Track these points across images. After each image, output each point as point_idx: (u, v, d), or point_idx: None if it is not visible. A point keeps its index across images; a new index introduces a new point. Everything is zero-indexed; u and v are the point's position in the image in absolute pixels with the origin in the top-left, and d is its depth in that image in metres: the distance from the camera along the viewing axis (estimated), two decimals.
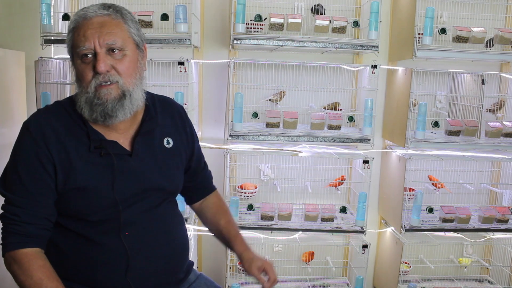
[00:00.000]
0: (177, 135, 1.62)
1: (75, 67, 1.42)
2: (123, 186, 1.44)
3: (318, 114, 2.75)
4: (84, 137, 1.42)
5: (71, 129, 1.42)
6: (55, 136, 1.39)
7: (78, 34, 1.38)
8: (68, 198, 1.41)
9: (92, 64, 1.37)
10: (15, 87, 2.52)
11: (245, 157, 3.04)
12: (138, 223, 1.48)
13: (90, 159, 1.42)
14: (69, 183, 1.39)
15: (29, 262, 1.34)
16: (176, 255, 1.59)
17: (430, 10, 2.61)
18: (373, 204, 3.19)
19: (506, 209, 2.88)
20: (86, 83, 1.39)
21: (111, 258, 1.44)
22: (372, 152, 2.98)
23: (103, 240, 1.44)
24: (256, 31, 2.72)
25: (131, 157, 1.47)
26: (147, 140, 1.52)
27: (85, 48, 1.37)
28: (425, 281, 3.21)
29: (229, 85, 2.74)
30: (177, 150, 1.60)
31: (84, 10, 1.40)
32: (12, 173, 1.40)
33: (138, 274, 1.46)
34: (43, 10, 2.46)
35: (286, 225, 2.80)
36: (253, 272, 1.66)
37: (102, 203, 1.42)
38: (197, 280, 1.72)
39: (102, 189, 1.41)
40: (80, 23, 1.39)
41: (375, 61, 2.75)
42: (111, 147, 1.44)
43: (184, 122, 1.67)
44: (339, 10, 2.95)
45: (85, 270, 1.44)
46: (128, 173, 1.46)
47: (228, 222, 1.78)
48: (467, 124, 2.75)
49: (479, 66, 3.01)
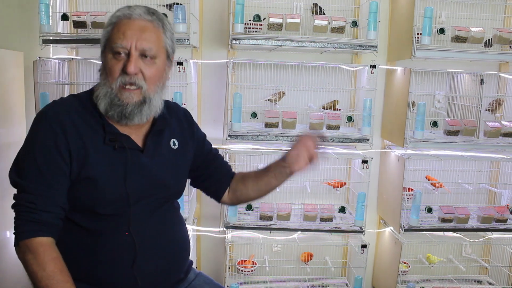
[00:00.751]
0: (182, 137, 1.65)
1: (104, 59, 1.45)
2: (134, 181, 1.46)
3: (317, 114, 2.75)
4: (100, 129, 1.45)
5: (87, 120, 1.45)
6: (72, 125, 1.41)
7: (118, 30, 1.41)
8: (80, 188, 1.42)
9: (123, 62, 1.41)
10: (13, 88, 2.52)
11: (244, 157, 3.04)
12: (146, 219, 1.50)
13: (105, 151, 1.44)
14: (83, 172, 1.41)
15: (44, 252, 1.34)
16: (178, 253, 1.62)
17: (429, 10, 2.61)
18: (372, 204, 3.19)
19: (505, 208, 2.89)
20: (112, 78, 1.42)
21: (119, 253, 1.46)
22: (371, 152, 2.98)
23: (111, 233, 1.45)
24: (255, 31, 2.73)
25: (143, 153, 1.51)
26: (157, 139, 1.56)
27: (121, 46, 1.40)
28: (424, 281, 3.21)
29: (228, 85, 2.74)
30: (183, 152, 1.64)
31: (131, 10, 1.43)
32: (28, 160, 1.40)
33: (144, 269, 1.48)
34: (41, 10, 2.46)
35: (285, 225, 2.80)
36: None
37: (113, 196, 1.44)
38: (196, 278, 1.73)
39: (114, 182, 1.44)
40: (122, 20, 1.43)
41: (373, 61, 2.75)
42: (124, 141, 1.47)
43: (190, 124, 1.71)
44: (337, 10, 2.96)
45: (89, 266, 1.45)
46: (139, 168, 1.49)
47: (256, 176, 1.76)
48: (466, 124, 2.76)
49: (478, 66, 3.01)
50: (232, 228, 2.80)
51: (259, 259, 3.18)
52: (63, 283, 1.33)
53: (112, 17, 1.45)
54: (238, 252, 3.16)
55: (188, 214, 2.71)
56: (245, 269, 3.06)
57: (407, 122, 2.70)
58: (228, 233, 2.93)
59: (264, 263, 3.14)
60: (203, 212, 3.16)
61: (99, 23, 2.51)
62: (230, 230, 2.88)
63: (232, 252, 3.05)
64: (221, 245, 3.10)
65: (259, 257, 3.19)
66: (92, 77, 2.85)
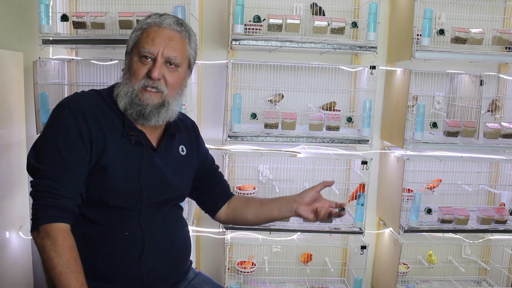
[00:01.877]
0: (189, 145, 1.72)
1: (130, 61, 1.52)
2: (147, 177, 1.51)
3: (317, 115, 2.75)
4: (119, 123, 1.50)
5: (107, 114, 1.50)
6: (93, 116, 1.46)
7: (147, 36, 1.49)
8: (94, 178, 1.45)
9: (148, 67, 1.49)
10: (13, 88, 2.52)
11: (243, 158, 3.04)
12: (154, 216, 1.54)
13: (122, 145, 1.49)
14: (100, 162, 1.44)
15: (63, 239, 1.35)
16: (181, 252, 1.66)
17: (429, 11, 2.61)
18: (371, 205, 3.19)
19: (504, 209, 2.89)
20: (135, 80, 1.49)
21: (128, 246, 1.48)
22: (370, 153, 2.98)
23: (121, 227, 1.48)
24: (254, 32, 2.73)
25: (156, 152, 1.56)
26: (169, 143, 1.62)
27: (149, 52, 1.48)
28: (423, 282, 3.22)
29: (228, 86, 2.74)
30: (189, 159, 1.70)
31: (161, 19, 1.51)
32: (49, 146, 1.42)
33: (150, 265, 1.51)
34: (41, 10, 2.46)
35: (284, 226, 2.80)
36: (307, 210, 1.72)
37: (125, 189, 1.47)
38: (195, 277, 1.75)
39: (129, 175, 1.48)
40: (153, 27, 1.50)
41: (373, 62, 2.75)
42: (142, 137, 1.53)
43: (197, 135, 1.79)
44: (337, 11, 2.96)
45: (95, 260, 1.46)
46: (152, 166, 1.54)
47: (261, 201, 1.81)
48: (466, 125, 2.76)
49: (478, 67, 3.02)
50: (232, 229, 2.80)
51: (258, 260, 3.18)
52: (76, 273, 1.34)
53: (142, 22, 1.52)
54: (237, 253, 3.16)
55: (188, 215, 2.71)
56: (244, 270, 3.06)
57: (406, 123, 2.70)
58: (227, 234, 2.93)
59: (263, 264, 3.14)
60: (203, 213, 3.12)
61: (99, 24, 2.51)
62: (230, 231, 2.88)
63: (231, 253, 3.05)
64: (220, 246, 3.10)
65: (259, 258, 3.19)
66: (92, 77, 2.85)
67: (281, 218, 1.78)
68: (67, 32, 2.72)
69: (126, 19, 2.51)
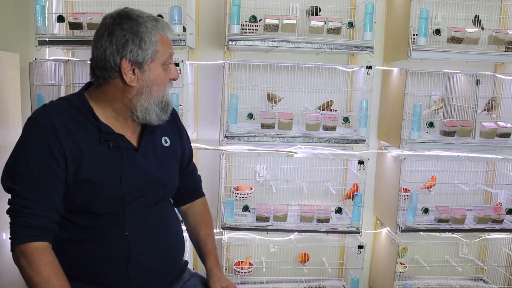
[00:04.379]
0: (172, 134, 1.69)
1: (149, 73, 1.48)
2: (130, 180, 1.49)
3: (313, 115, 2.75)
4: (94, 129, 1.47)
5: (80, 122, 1.46)
6: (65, 128, 1.42)
7: (164, 43, 1.50)
8: (77, 190, 1.43)
9: (169, 71, 1.54)
10: (9, 89, 2.51)
11: (240, 158, 3.04)
12: (141, 218, 1.52)
13: (100, 152, 1.46)
14: (79, 175, 1.41)
15: (39, 257, 1.35)
16: (173, 252, 1.64)
17: (425, 11, 2.62)
18: (368, 205, 3.20)
19: (501, 209, 2.89)
20: (162, 89, 1.52)
21: (114, 251, 1.47)
22: (367, 152, 2.98)
23: (107, 233, 1.47)
24: (251, 32, 2.73)
25: (137, 152, 1.54)
26: (151, 138, 1.60)
27: (171, 57, 1.53)
28: (420, 281, 3.22)
29: (224, 86, 2.74)
30: (173, 149, 1.68)
31: (163, 23, 1.50)
32: (21, 165, 1.39)
33: (139, 268, 1.50)
34: (37, 11, 2.46)
35: (281, 226, 2.80)
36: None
37: (109, 196, 1.45)
38: (191, 278, 1.74)
39: (111, 182, 1.45)
40: (166, 34, 1.51)
41: (370, 62, 2.75)
42: (120, 140, 1.50)
43: (177, 123, 1.76)
44: (334, 11, 2.96)
45: (85, 264, 1.46)
46: (134, 167, 1.51)
47: (208, 235, 1.83)
48: (462, 124, 2.76)
49: (474, 67, 3.02)
50: (229, 229, 2.80)
51: (256, 260, 3.18)
52: (59, 287, 1.33)
53: (152, 32, 1.47)
54: (235, 253, 3.15)
55: None
56: (242, 270, 3.06)
57: (403, 123, 2.71)
58: (224, 234, 2.93)
59: (261, 264, 3.14)
60: None
61: (95, 25, 2.50)
62: (227, 231, 2.88)
63: (229, 253, 3.05)
64: (218, 247, 3.08)
65: (256, 258, 3.19)
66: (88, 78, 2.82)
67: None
68: (63, 33, 2.72)
69: None
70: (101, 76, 1.48)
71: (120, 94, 1.48)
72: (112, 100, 1.49)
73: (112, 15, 1.48)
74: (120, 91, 1.48)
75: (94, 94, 1.52)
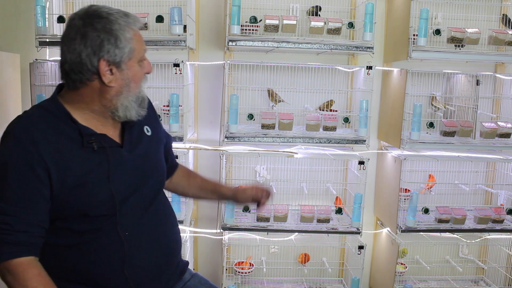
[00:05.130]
0: (151, 122, 1.67)
1: (127, 71, 1.44)
2: (119, 179, 1.46)
3: (314, 116, 2.75)
4: (75, 134, 1.42)
5: (59, 128, 1.41)
6: (44, 138, 1.37)
7: (139, 39, 1.47)
8: (67, 197, 1.40)
9: (143, 65, 1.50)
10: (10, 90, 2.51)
11: (240, 158, 3.04)
12: (136, 218, 1.50)
13: (84, 155, 1.42)
14: (67, 182, 1.38)
15: (24, 271, 1.33)
16: (171, 250, 1.62)
17: (425, 11, 2.62)
18: (368, 205, 3.20)
19: (501, 209, 2.89)
20: (138, 85, 1.49)
21: (109, 253, 1.45)
22: (367, 153, 2.99)
23: (101, 235, 1.44)
24: (251, 32, 2.73)
25: (122, 148, 1.51)
26: (133, 131, 1.56)
27: (145, 52, 1.50)
28: (421, 281, 3.22)
29: (225, 87, 2.74)
30: (157, 137, 1.66)
31: (133, 18, 1.46)
32: (0, 182, 1.36)
33: (135, 268, 1.48)
34: (38, 12, 2.46)
35: (282, 227, 2.80)
36: (248, 200, 1.89)
37: (100, 198, 1.42)
38: (191, 278, 1.73)
39: (99, 183, 1.42)
40: (139, 29, 1.48)
41: (370, 62, 2.75)
42: (103, 140, 1.46)
43: (153, 110, 1.74)
44: (334, 12, 2.96)
45: (82, 267, 1.45)
46: (122, 164, 1.48)
47: (204, 179, 1.90)
48: (462, 124, 2.76)
49: (474, 67, 3.02)
50: (229, 229, 2.80)
51: (256, 260, 3.18)
52: None
53: (125, 29, 1.42)
54: (235, 254, 3.15)
55: (185, 216, 2.71)
56: (242, 270, 3.06)
57: (403, 123, 2.71)
58: (225, 235, 2.93)
59: (261, 265, 3.14)
60: (200, 213, 3.15)
61: None
62: (227, 231, 2.88)
63: (229, 253, 3.05)
64: (218, 247, 3.10)
65: (256, 259, 3.19)
66: None
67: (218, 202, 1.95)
68: None
69: None
70: (77, 79, 1.41)
71: (98, 95, 1.43)
72: (90, 102, 1.44)
73: (80, 15, 1.40)
74: (97, 93, 1.43)
75: (69, 97, 1.46)
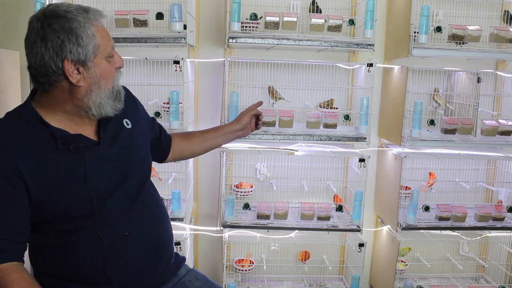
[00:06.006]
0: (131, 115, 1.65)
1: (95, 68, 1.41)
2: (98, 176, 1.45)
3: (314, 113, 2.75)
4: (48, 137, 1.40)
5: (33, 134, 1.40)
6: (17, 146, 1.36)
7: (103, 35, 1.43)
8: (47, 200, 1.39)
9: (113, 61, 1.47)
10: (10, 87, 2.51)
11: (241, 156, 3.04)
12: (119, 213, 1.49)
13: (60, 158, 1.40)
14: (44, 186, 1.37)
15: (5, 277, 1.34)
16: (159, 242, 1.61)
17: (426, 8, 2.61)
18: (369, 203, 3.19)
19: (502, 206, 2.89)
20: (111, 81, 1.47)
21: (90, 253, 1.45)
22: (368, 150, 2.98)
23: (80, 235, 1.44)
24: (251, 29, 2.72)
25: (100, 145, 1.49)
26: (110, 126, 1.54)
27: (112, 48, 1.46)
28: (421, 279, 3.21)
29: (225, 84, 2.74)
30: (138, 129, 1.64)
31: (99, 12, 1.42)
32: None
33: (119, 266, 1.48)
34: (37, 9, 2.45)
35: (282, 224, 2.80)
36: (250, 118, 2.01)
37: (78, 198, 1.41)
38: (187, 274, 1.73)
39: (76, 184, 1.41)
40: (101, 24, 1.43)
41: (370, 59, 2.74)
42: (78, 140, 1.44)
43: (133, 100, 1.72)
44: (334, 9, 2.95)
45: (69, 266, 1.46)
46: (100, 162, 1.47)
47: (202, 131, 2.02)
48: (463, 122, 2.76)
49: (475, 65, 3.02)
50: (230, 227, 2.79)
51: (256, 258, 3.18)
52: None
53: (86, 26, 1.38)
54: (235, 251, 3.15)
55: (185, 213, 2.71)
56: (242, 268, 3.06)
57: (404, 121, 2.70)
58: (225, 232, 2.93)
59: (261, 262, 3.14)
60: (200, 211, 3.15)
61: None
62: (228, 229, 2.88)
63: (229, 251, 3.04)
64: (218, 244, 3.10)
65: (257, 256, 3.19)
66: None
67: (227, 143, 2.07)
68: None
69: (123, 18, 2.50)
70: (45, 82, 1.39)
71: (68, 95, 1.41)
72: (62, 103, 1.42)
73: (38, 17, 1.37)
74: (68, 93, 1.41)
75: (42, 100, 1.44)
